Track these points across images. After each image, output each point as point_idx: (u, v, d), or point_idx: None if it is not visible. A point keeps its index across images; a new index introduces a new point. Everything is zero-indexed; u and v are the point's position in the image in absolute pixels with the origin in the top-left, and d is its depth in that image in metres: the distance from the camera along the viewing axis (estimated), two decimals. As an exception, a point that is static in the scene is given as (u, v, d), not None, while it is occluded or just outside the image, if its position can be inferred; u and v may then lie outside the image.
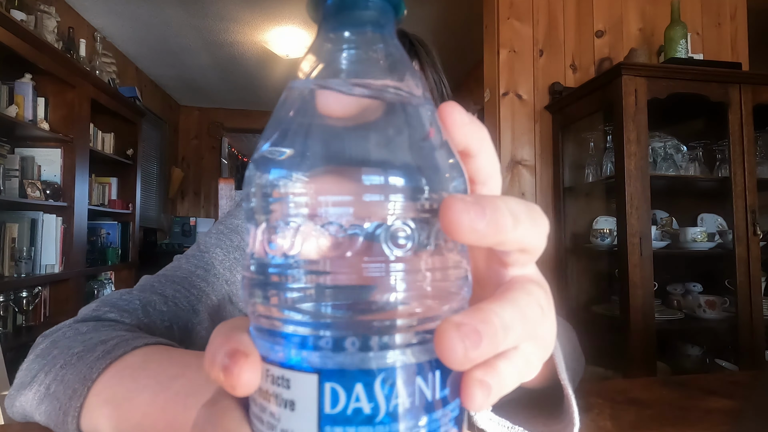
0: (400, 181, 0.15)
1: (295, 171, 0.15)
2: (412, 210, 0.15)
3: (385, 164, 0.15)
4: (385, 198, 0.15)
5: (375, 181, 0.14)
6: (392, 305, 0.15)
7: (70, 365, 0.38)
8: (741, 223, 1.73)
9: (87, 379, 0.36)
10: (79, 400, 0.35)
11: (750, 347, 1.71)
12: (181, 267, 0.58)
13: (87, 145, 2.80)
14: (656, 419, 0.44)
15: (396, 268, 0.15)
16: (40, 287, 2.54)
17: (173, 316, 0.52)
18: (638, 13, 2.31)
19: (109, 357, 0.37)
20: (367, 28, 0.18)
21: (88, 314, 0.48)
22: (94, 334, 0.42)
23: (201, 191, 5.27)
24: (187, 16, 3.27)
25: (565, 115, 2.08)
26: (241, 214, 0.67)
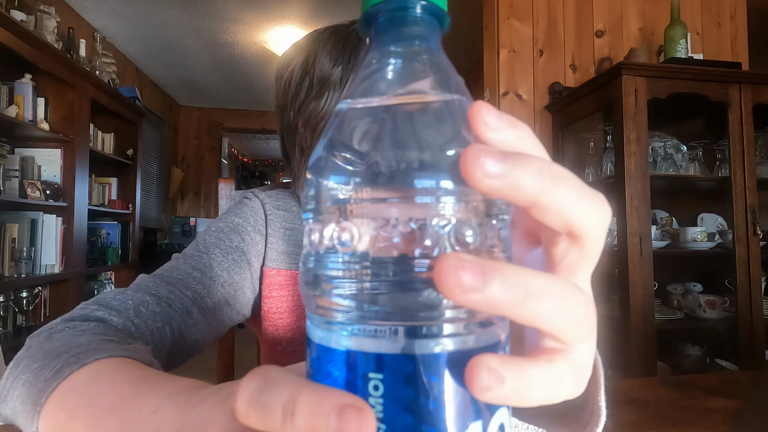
0: (449, 185, 0.16)
1: (366, 178, 0.16)
2: (467, 212, 0.16)
3: (439, 170, 0.16)
4: (437, 201, 0.16)
5: (427, 185, 0.16)
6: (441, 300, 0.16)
7: (28, 384, 0.36)
8: (741, 223, 1.73)
9: (37, 404, 0.34)
10: (33, 425, 0.34)
11: (750, 347, 1.71)
12: (177, 267, 0.57)
13: (87, 145, 2.81)
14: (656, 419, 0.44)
15: None
16: (40, 287, 2.54)
17: (166, 317, 0.52)
18: (638, 13, 2.31)
19: (58, 377, 0.35)
20: (414, 42, 0.19)
21: (77, 313, 0.48)
22: (58, 344, 0.40)
23: (201, 191, 5.27)
24: (187, 16, 3.27)
25: (565, 115, 2.08)
26: (242, 212, 0.66)
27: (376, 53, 0.19)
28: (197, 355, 0.57)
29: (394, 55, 0.19)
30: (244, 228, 0.64)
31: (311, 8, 3.12)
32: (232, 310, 0.62)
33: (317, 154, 0.18)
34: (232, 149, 7.26)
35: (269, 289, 0.65)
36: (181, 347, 0.53)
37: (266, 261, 0.65)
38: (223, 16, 3.26)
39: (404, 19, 0.19)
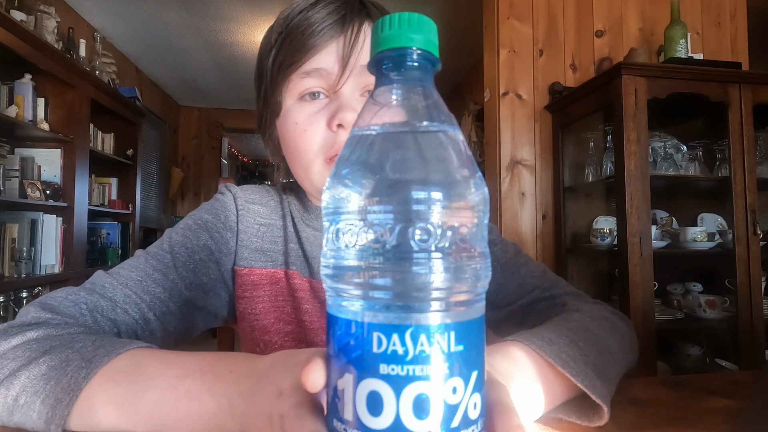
0: (437, 195, 0.21)
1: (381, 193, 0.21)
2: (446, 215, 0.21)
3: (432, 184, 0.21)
4: (427, 208, 0.21)
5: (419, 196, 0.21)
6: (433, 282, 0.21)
7: (39, 376, 0.37)
8: (741, 223, 1.73)
9: (73, 389, 0.35)
10: (67, 408, 0.35)
11: (750, 347, 1.71)
12: (138, 267, 0.54)
13: (87, 145, 2.80)
14: (656, 419, 0.44)
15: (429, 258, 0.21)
16: (40, 287, 2.54)
17: (121, 325, 0.49)
18: (638, 13, 2.31)
19: (94, 363, 0.36)
20: (412, 83, 0.24)
21: (27, 319, 0.44)
22: (53, 342, 0.40)
23: (201, 191, 5.27)
24: (187, 16, 3.27)
25: (565, 115, 2.08)
26: (213, 209, 0.62)
27: (382, 89, 0.25)
28: (197, 344, 0.56)
29: (395, 90, 0.24)
30: (213, 225, 0.60)
31: (311, 8, 3.12)
32: (203, 312, 0.58)
33: (337, 170, 0.23)
34: (232, 149, 7.26)
35: (242, 289, 0.60)
36: None
37: (237, 260, 0.61)
38: (223, 16, 3.26)
39: (404, 63, 0.24)
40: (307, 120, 0.53)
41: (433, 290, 0.21)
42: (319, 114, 0.53)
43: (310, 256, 0.62)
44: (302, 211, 0.64)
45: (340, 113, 0.51)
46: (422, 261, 0.21)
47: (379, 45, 0.24)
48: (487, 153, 2.30)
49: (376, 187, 0.21)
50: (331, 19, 0.52)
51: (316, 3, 0.54)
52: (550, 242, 2.15)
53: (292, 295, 0.61)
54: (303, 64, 0.52)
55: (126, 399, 0.35)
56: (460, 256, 0.22)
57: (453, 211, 0.21)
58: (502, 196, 2.13)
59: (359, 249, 0.21)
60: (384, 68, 0.25)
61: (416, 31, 0.24)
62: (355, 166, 0.23)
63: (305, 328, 0.60)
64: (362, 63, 0.52)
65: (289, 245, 0.62)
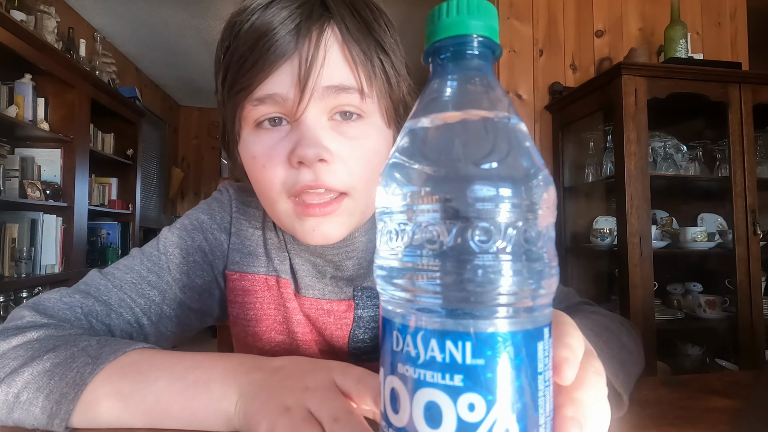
0: (507, 192, 0.20)
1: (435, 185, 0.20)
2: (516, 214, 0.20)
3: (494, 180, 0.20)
4: (495, 206, 0.19)
5: (483, 193, 0.19)
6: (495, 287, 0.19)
7: (43, 372, 0.36)
8: (741, 223, 1.73)
9: (78, 384, 0.35)
10: (72, 404, 0.35)
11: (750, 347, 1.71)
12: (132, 268, 0.53)
13: (87, 145, 2.80)
14: (656, 419, 0.44)
15: (496, 260, 0.19)
16: (40, 287, 2.54)
17: (116, 329, 0.49)
18: (638, 13, 2.31)
19: (101, 360, 0.36)
20: (470, 73, 0.23)
21: (22, 323, 0.43)
22: (57, 341, 0.39)
23: (201, 191, 5.27)
24: (187, 16, 3.27)
25: (565, 115, 2.08)
26: (210, 208, 0.61)
27: (437, 81, 0.23)
28: (197, 345, 0.56)
29: (452, 81, 0.23)
30: (208, 226, 0.58)
31: (311, 8, 3.12)
32: (196, 314, 0.58)
33: (391, 167, 0.22)
34: (232, 149, 7.26)
35: (234, 294, 0.59)
36: None
37: (228, 263, 0.59)
38: (223, 16, 3.21)
39: (464, 53, 0.23)
40: (266, 155, 0.45)
41: (503, 295, 0.19)
42: (279, 147, 0.45)
43: (296, 269, 0.59)
44: None
45: (299, 149, 0.42)
46: (491, 263, 0.19)
47: (435, 34, 0.22)
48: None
49: (436, 183, 0.20)
50: (285, 30, 0.43)
51: (267, 7, 0.44)
52: (550, 242, 2.15)
53: (283, 305, 0.58)
54: (253, 89, 0.44)
55: (133, 390, 0.35)
56: (533, 256, 0.20)
57: (522, 209, 0.20)
58: (502, 196, 2.13)
59: (420, 250, 0.20)
60: (442, 58, 0.23)
61: (476, 16, 0.22)
62: (412, 161, 0.21)
63: (296, 339, 0.58)
64: (325, 84, 0.43)
65: (281, 253, 0.59)
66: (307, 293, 0.58)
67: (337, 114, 0.45)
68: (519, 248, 0.20)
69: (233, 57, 0.46)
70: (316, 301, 0.58)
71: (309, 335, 0.58)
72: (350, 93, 0.44)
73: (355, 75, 0.45)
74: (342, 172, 0.44)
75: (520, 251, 0.20)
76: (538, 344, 0.20)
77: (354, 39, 0.44)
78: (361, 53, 0.45)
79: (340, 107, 0.45)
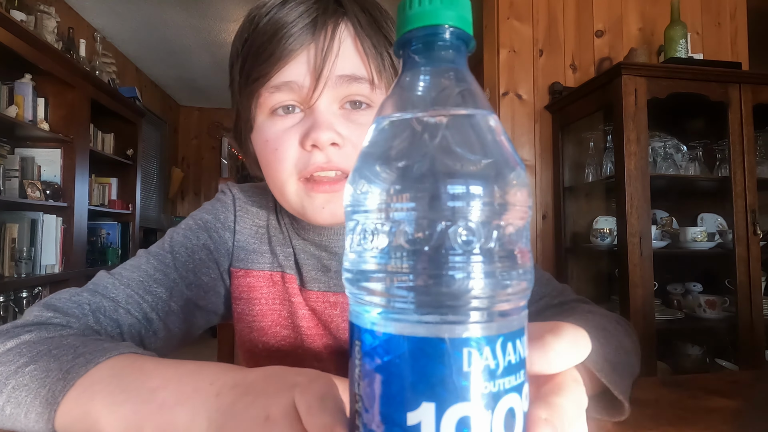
0: (476, 189, 0.19)
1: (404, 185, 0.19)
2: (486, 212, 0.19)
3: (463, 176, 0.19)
4: (463, 204, 0.18)
5: (455, 190, 0.18)
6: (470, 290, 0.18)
7: (22, 386, 0.36)
8: (741, 223, 1.73)
9: (52, 403, 0.34)
10: (48, 424, 0.34)
11: (750, 347, 1.71)
12: (139, 267, 0.54)
13: (87, 145, 2.81)
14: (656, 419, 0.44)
15: (469, 261, 0.18)
16: (40, 287, 2.54)
17: (124, 324, 0.49)
18: (638, 13, 2.31)
19: (72, 375, 0.35)
20: (442, 65, 0.22)
21: (30, 320, 0.44)
22: (43, 346, 0.39)
23: (201, 191, 5.28)
24: (187, 17, 3.27)
25: (565, 115, 2.08)
26: (213, 209, 0.62)
27: (409, 74, 0.22)
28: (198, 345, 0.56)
29: (424, 74, 0.22)
30: (213, 225, 0.60)
31: (311, 8, 3.13)
32: (203, 311, 0.58)
33: (360, 163, 0.21)
34: (232, 149, 7.25)
35: (238, 291, 0.60)
36: None
37: (233, 261, 0.60)
38: (223, 16, 3.26)
39: (434, 44, 0.22)
40: (278, 138, 0.49)
41: (474, 298, 0.18)
42: (292, 131, 0.48)
43: (301, 263, 0.60)
44: (292, 220, 0.61)
45: (313, 133, 0.46)
46: (462, 264, 0.18)
47: (406, 24, 0.22)
48: (487, 153, 2.30)
49: (406, 182, 0.19)
50: (302, 23, 0.46)
51: (285, 3, 0.48)
52: (550, 242, 2.15)
53: (288, 300, 0.60)
54: (271, 77, 0.47)
55: (101, 414, 0.33)
56: (507, 257, 0.19)
57: (495, 208, 0.19)
58: (502, 196, 2.13)
59: (387, 251, 0.19)
60: (412, 49, 0.22)
61: (448, 6, 0.21)
62: (382, 158, 0.20)
63: (301, 333, 0.59)
64: (339, 73, 0.47)
65: (286, 249, 0.61)
66: (313, 287, 0.59)
67: (348, 103, 0.49)
68: (490, 249, 0.19)
69: (252, 47, 0.48)
70: (322, 294, 0.59)
71: (314, 329, 0.59)
72: (361, 83, 0.48)
73: (366, 66, 0.48)
74: (353, 156, 0.47)
75: (491, 252, 0.19)
76: (517, 343, 0.19)
77: (366, 33, 0.48)
78: (372, 47, 0.48)
79: (351, 96, 0.48)
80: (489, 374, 0.18)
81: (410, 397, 0.18)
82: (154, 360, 0.36)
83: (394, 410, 0.18)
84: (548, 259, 2.15)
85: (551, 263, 2.14)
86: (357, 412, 0.20)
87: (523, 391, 0.20)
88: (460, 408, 0.18)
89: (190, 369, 0.33)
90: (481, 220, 0.18)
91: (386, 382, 0.18)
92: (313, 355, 0.60)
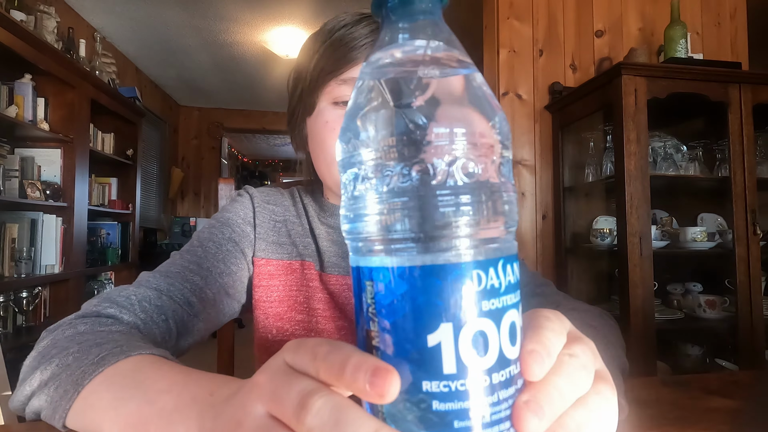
0: (462, 130, 0.20)
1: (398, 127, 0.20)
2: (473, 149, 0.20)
3: (452, 119, 0.20)
4: (450, 141, 0.20)
5: (442, 130, 0.20)
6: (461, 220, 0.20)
7: (65, 366, 0.40)
8: (741, 223, 1.73)
9: (78, 384, 0.37)
10: (69, 402, 0.37)
11: (750, 347, 1.71)
12: (175, 263, 0.60)
13: (87, 145, 2.81)
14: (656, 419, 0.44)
15: (467, 193, 0.20)
16: (40, 287, 2.54)
17: (168, 310, 0.54)
18: (638, 13, 2.31)
19: (102, 363, 0.38)
20: (420, 18, 0.23)
21: (89, 310, 0.50)
22: (91, 336, 0.44)
23: (201, 191, 5.27)
24: (187, 17, 3.27)
25: (565, 115, 2.08)
26: (233, 208, 0.68)
27: (387, 30, 0.23)
28: (200, 344, 0.60)
29: (403, 31, 0.23)
30: (234, 221, 0.66)
31: (311, 8, 3.12)
32: (231, 299, 0.64)
33: (347, 120, 0.22)
34: (232, 149, 7.26)
35: (259, 278, 0.67)
36: (185, 336, 0.56)
37: (256, 251, 0.67)
38: (223, 16, 3.26)
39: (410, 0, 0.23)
40: (338, 120, 0.59)
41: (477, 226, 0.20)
42: None
43: (323, 250, 0.68)
44: (318, 210, 0.70)
45: None
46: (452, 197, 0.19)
47: None
48: (487, 153, 2.30)
49: (391, 128, 0.20)
50: (372, 37, 0.58)
51: (360, 21, 0.60)
52: (550, 242, 2.15)
53: (305, 285, 0.67)
54: (342, 72, 0.59)
55: (111, 405, 0.35)
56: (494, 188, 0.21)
57: (478, 146, 0.20)
58: (502, 196, 2.13)
59: (389, 191, 0.20)
60: (389, 6, 0.23)
61: None
62: (366, 109, 0.21)
63: (316, 317, 0.66)
64: None
65: (305, 239, 0.68)
66: (332, 271, 0.67)
67: None
68: (483, 182, 0.20)
69: (329, 48, 0.60)
70: (342, 277, 0.66)
71: (329, 311, 0.66)
72: None
73: None
74: None
75: (484, 184, 0.20)
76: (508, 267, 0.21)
77: None
78: None
79: None
80: (495, 292, 0.20)
81: (429, 321, 0.19)
82: (172, 364, 0.38)
83: (415, 336, 0.19)
84: (548, 259, 2.15)
85: (551, 263, 2.14)
86: (375, 347, 0.21)
87: (519, 307, 0.22)
88: (474, 324, 0.19)
89: (197, 378, 0.33)
90: (471, 155, 0.20)
91: (404, 311, 0.20)
92: (326, 336, 0.65)
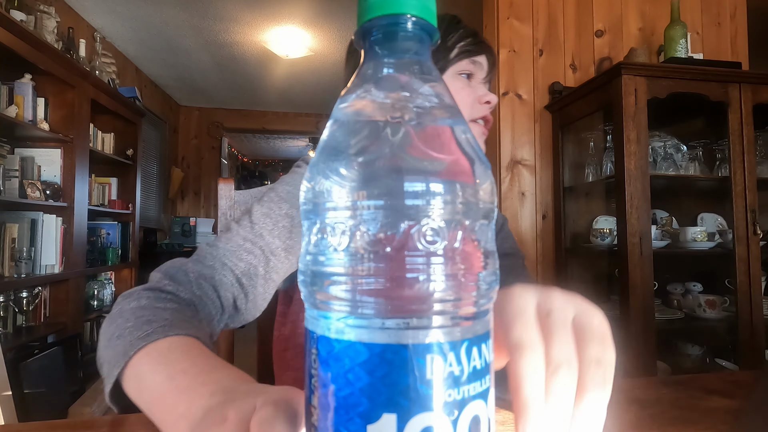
0: (438, 187, 0.17)
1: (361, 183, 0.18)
2: (446, 212, 0.18)
3: (426, 174, 0.18)
4: (425, 203, 0.17)
5: (417, 188, 0.17)
6: (430, 293, 0.17)
7: (122, 337, 0.45)
8: (741, 223, 1.73)
9: (126, 355, 0.42)
10: (117, 370, 0.42)
11: (750, 347, 1.71)
12: (231, 239, 0.62)
13: (87, 145, 2.80)
14: (656, 419, 0.44)
15: (433, 262, 0.17)
16: (40, 287, 2.54)
17: (220, 288, 0.58)
18: (638, 13, 2.31)
19: (147, 340, 0.43)
20: (406, 56, 0.21)
21: (153, 284, 0.55)
22: (147, 312, 0.48)
23: (201, 191, 5.27)
24: (187, 16, 3.27)
25: (565, 115, 2.08)
26: (293, 180, 0.68)
27: (371, 64, 0.21)
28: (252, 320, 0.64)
29: (387, 67, 0.20)
30: (293, 194, 0.66)
31: (311, 8, 3.12)
32: (273, 283, 0.64)
33: (318, 158, 0.20)
34: (232, 149, 7.26)
35: None
36: (236, 318, 0.60)
37: None
38: (223, 16, 3.26)
39: (396, 34, 0.20)
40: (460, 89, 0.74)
41: (437, 302, 0.17)
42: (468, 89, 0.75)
43: None
44: None
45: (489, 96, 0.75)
46: (423, 266, 0.17)
47: (366, 12, 0.20)
48: (487, 153, 2.30)
49: (366, 180, 0.18)
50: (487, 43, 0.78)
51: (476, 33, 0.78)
52: (550, 242, 2.15)
53: None
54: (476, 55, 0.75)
55: (144, 378, 0.40)
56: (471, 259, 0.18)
57: (457, 207, 0.18)
58: (502, 196, 2.13)
59: (346, 253, 0.18)
60: (373, 40, 0.21)
61: None
62: (342, 154, 0.19)
63: None
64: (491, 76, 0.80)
65: None
66: None
67: None
68: (454, 250, 0.18)
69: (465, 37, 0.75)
70: None
71: None
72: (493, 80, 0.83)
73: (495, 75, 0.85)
74: None
75: (455, 253, 0.18)
76: (482, 347, 0.18)
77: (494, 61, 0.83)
78: None
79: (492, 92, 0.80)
80: (453, 381, 0.17)
81: (370, 408, 0.16)
82: (201, 348, 0.42)
83: (352, 424, 0.17)
84: (548, 259, 2.15)
85: (551, 263, 2.14)
86: (313, 426, 0.18)
87: (488, 397, 0.18)
88: (423, 418, 0.16)
89: (213, 364, 0.38)
90: (444, 220, 0.17)
91: (344, 393, 0.17)
92: None
